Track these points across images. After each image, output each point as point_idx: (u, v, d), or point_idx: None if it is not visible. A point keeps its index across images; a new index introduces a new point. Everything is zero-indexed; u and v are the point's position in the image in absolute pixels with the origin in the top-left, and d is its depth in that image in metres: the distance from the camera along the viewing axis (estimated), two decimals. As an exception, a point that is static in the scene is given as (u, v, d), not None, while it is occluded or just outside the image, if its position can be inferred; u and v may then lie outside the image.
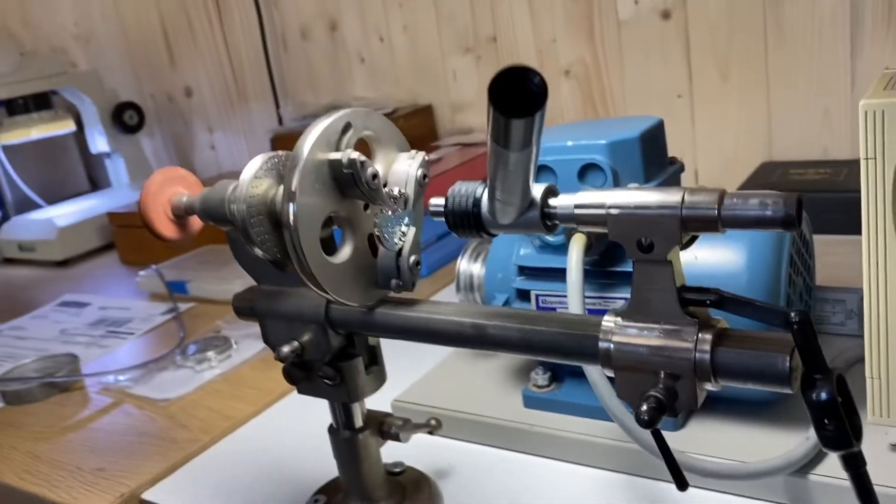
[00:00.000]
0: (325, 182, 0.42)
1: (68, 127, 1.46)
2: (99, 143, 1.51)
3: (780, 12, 0.99)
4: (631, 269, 0.54)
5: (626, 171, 0.54)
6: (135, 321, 1.00)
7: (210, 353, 0.82)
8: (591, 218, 0.36)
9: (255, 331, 0.87)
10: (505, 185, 0.35)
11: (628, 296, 0.54)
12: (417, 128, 1.28)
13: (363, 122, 0.44)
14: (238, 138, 1.61)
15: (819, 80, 0.99)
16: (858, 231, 0.88)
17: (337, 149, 0.42)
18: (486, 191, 0.39)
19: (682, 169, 0.59)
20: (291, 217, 0.40)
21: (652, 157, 0.55)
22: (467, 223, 0.39)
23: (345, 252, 0.44)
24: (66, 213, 1.43)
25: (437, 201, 0.41)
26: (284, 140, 1.34)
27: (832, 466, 0.48)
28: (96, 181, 1.79)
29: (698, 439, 0.52)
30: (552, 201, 0.37)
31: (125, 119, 1.50)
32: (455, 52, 1.27)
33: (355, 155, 0.41)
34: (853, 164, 0.96)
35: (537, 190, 0.37)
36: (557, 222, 0.37)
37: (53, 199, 1.61)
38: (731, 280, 0.50)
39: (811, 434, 0.50)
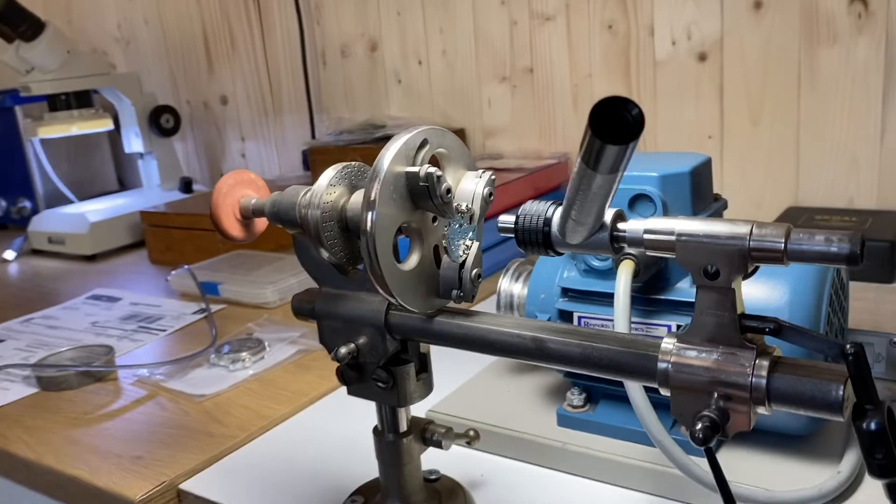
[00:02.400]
0: (401, 193, 0.44)
1: (107, 125, 1.49)
2: (134, 143, 1.54)
3: (815, 60, 1.02)
4: (674, 298, 0.56)
5: (676, 204, 0.56)
6: (166, 318, 1.02)
7: (244, 354, 0.84)
8: (660, 244, 0.38)
9: (286, 335, 0.89)
10: (584, 206, 0.37)
11: (670, 323, 0.56)
12: (449, 150, 1.31)
13: (438, 139, 0.46)
14: (269, 148, 1.64)
15: (849, 129, 1.01)
16: (884, 279, 0.90)
17: (413, 163, 0.45)
18: (558, 210, 0.41)
19: (725, 206, 0.62)
20: (370, 224, 0.42)
21: (700, 192, 0.58)
22: (536, 240, 0.42)
23: (412, 260, 0.46)
24: (97, 209, 1.46)
25: (508, 218, 0.43)
26: (318, 153, 1.37)
27: (862, 501, 0.49)
28: (124, 181, 1.83)
29: (729, 467, 0.54)
30: (621, 225, 0.39)
31: (161, 122, 1.54)
32: (491, 79, 1.31)
33: (432, 169, 0.43)
34: (879, 215, 0.98)
35: (607, 214, 0.39)
36: (625, 245, 0.40)
37: (83, 195, 1.65)
38: (773, 314, 0.52)
39: (843, 468, 0.52)
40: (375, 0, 1.39)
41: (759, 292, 0.53)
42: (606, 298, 0.59)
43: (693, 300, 0.56)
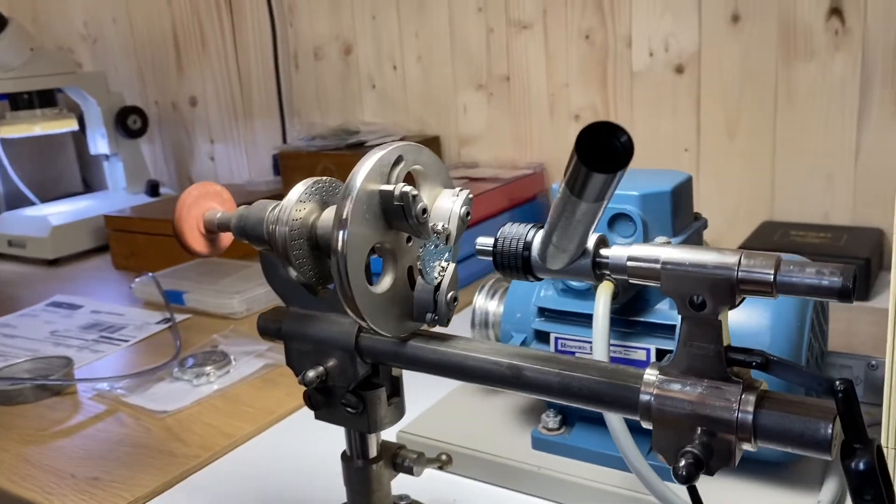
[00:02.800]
0: (375, 212, 0.42)
1: (71, 126, 1.45)
2: (100, 144, 1.50)
3: (791, 75, 1.01)
4: (653, 321, 0.55)
5: (656, 223, 0.55)
6: (129, 328, 0.99)
7: (208, 368, 0.81)
8: (644, 272, 0.36)
9: (252, 348, 0.87)
10: (566, 232, 0.35)
11: (649, 346, 0.55)
12: (423, 157, 1.29)
13: (414, 156, 0.44)
14: (239, 152, 1.61)
15: (825, 145, 1.01)
16: (859, 297, 0.90)
17: (388, 181, 0.43)
18: (539, 233, 0.39)
19: (705, 225, 0.60)
20: (341, 244, 0.40)
21: (680, 211, 0.56)
22: (515, 265, 0.40)
23: (385, 282, 0.44)
24: (60, 211, 1.42)
25: (485, 241, 0.41)
26: (289, 158, 1.34)
27: (843, 532, 0.48)
28: (90, 183, 1.78)
29: (707, 495, 0.52)
30: (604, 251, 0.38)
31: (128, 123, 1.50)
32: (467, 86, 1.29)
33: (407, 188, 0.41)
34: (854, 231, 0.98)
35: (590, 239, 0.38)
36: (608, 272, 0.38)
37: (45, 197, 1.60)
38: (754, 340, 0.51)
39: (823, 497, 0.51)
40: (350, 2, 1.37)
41: (740, 316, 0.52)
42: (584, 319, 0.57)
43: (673, 322, 0.55)
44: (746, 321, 0.51)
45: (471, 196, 0.46)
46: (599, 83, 1.16)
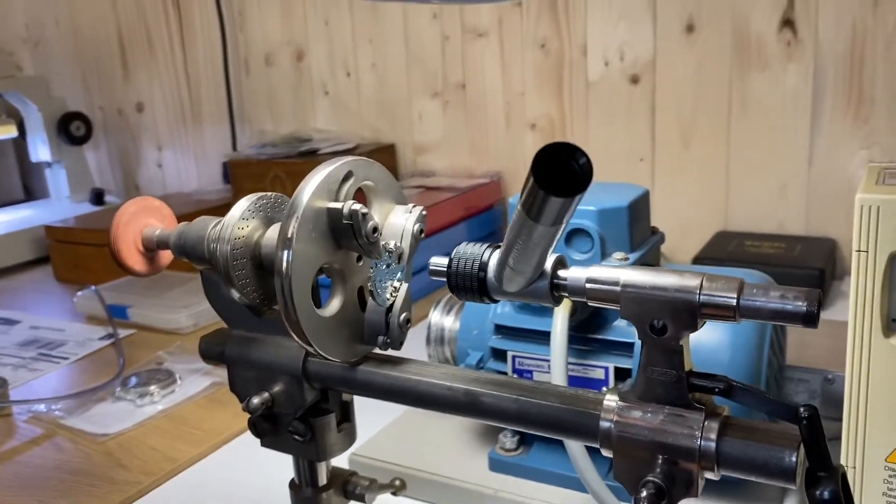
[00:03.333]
0: (322, 231, 0.40)
1: (10, 132, 1.40)
2: (41, 151, 1.44)
3: (745, 85, 1.02)
4: (611, 338, 0.54)
5: (613, 238, 0.54)
6: (69, 345, 0.94)
7: (153, 388, 0.78)
8: (603, 294, 0.35)
9: (199, 366, 0.83)
10: (523, 255, 0.33)
11: (608, 364, 0.54)
12: (378, 166, 1.27)
13: (364, 171, 0.42)
14: (188, 159, 1.57)
15: (779, 155, 1.02)
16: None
17: (336, 198, 0.40)
18: (494, 255, 0.37)
19: (662, 240, 0.60)
20: (285, 265, 0.38)
21: (638, 226, 0.55)
22: (471, 286, 0.38)
23: (333, 305, 0.42)
24: (-2, 221, 1.36)
25: (440, 261, 0.39)
26: (239, 166, 1.31)
27: (803, 553, 0.47)
28: (32, 191, 1.72)
29: (668, 516, 0.51)
30: (562, 273, 0.36)
31: (71, 129, 1.45)
32: (423, 94, 1.27)
33: (357, 206, 0.39)
34: (807, 241, 0.99)
35: (548, 260, 0.36)
36: (566, 294, 0.36)
37: (-16, 205, 1.54)
38: (713, 357, 0.50)
39: (783, 518, 0.50)
40: (302, 7, 1.34)
41: (700, 334, 0.50)
42: (542, 337, 0.56)
43: (631, 340, 0.54)
44: (706, 339, 0.51)
45: (424, 213, 0.44)
46: (555, 92, 1.16)
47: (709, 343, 0.51)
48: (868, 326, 0.44)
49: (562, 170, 0.27)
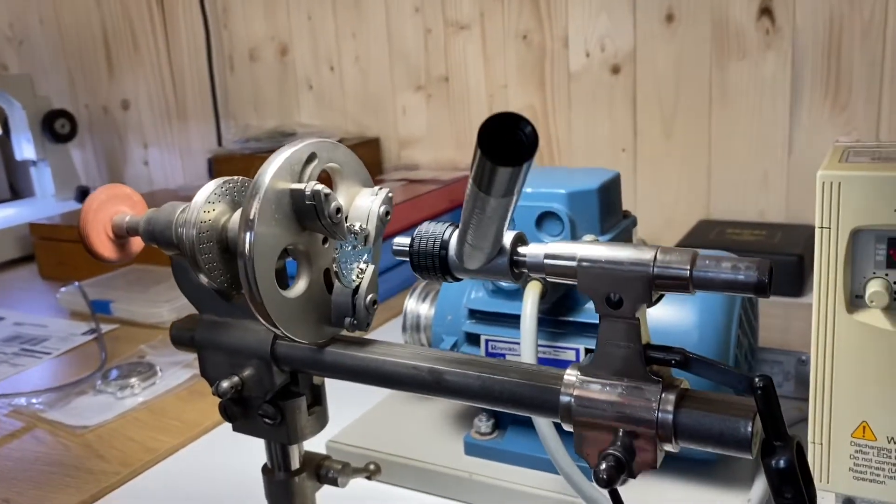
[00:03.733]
0: (285, 212, 0.40)
1: (-7, 131, 1.39)
2: (26, 150, 1.44)
3: (725, 74, 1.02)
4: (582, 320, 0.54)
5: (584, 221, 0.54)
6: (52, 340, 0.94)
7: (133, 380, 0.78)
8: (561, 269, 0.35)
9: (181, 358, 0.83)
10: (478, 230, 0.34)
11: (578, 346, 0.54)
12: (362, 160, 1.26)
13: (329, 153, 0.42)
14: (173, 156, 1.57)
15: (759, 144, 1.02)
16: (793, 293, 0.91)
17: (300, 179, 0.41)
18: (455, 233, 0.38)
19: (634, 223, 0.60)
20: (247, 246, 0.38)
21: (608, 209, 0.56)
22: (432, 265, 0.38)
23: (299, 286, 0.42)
24: (-17, 220, 1.36)
25: (402, 241, 0.39)
26: (223, 161, 1.31)
27: (772, 530, 0.48)
28: (18, 189, 1.71)
29: (637, 496, 0.52)
30: (521, 249, 0.36)
31: (56, 127, 1.44)
32: (406, 88, 1.27)
33: (319, 187, 0.40)
34: (788, 228, 0.99)
35: (507, 237, 0.36)
36: (525, 270, 0.37)
37: (-31, 204, 1.53)
38: (682, 338, 0.50)
39: (752, 496, 0.50)
40: (285, 3, 1.34)
41: (666, 314, 0.51)
42: (515, 320, 0.56)
43: (602, 322, 0.54)
44: (673, 319, 0.51)
45: (391, 195, 0.44)
46: (538, 84, 1.16)
47: (677, 324, 0.51)
48: (832, 303, 0.45)
49: (508, 140, 0.27)
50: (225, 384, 0.45)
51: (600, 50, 1.10)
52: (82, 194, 1.44)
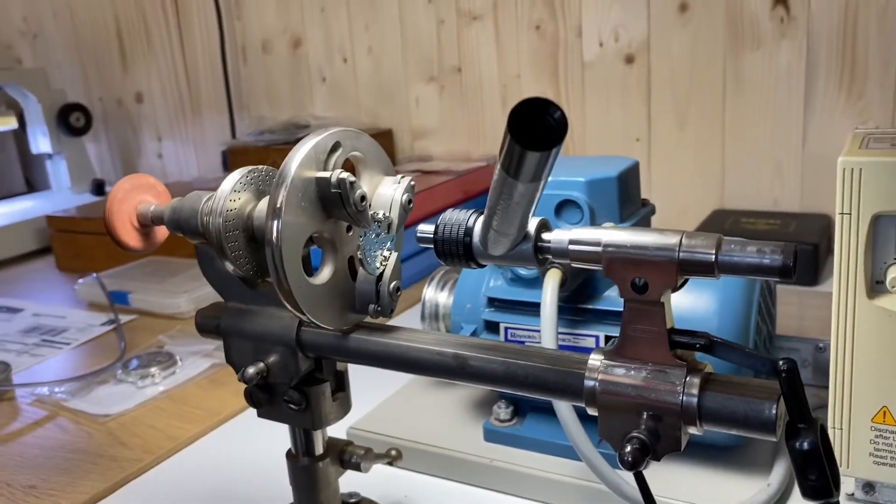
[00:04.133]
0: (311, 201, 0.40)
1: (9, 124, 1.40)
2: (41, 143, 1.45)
3: (739, 64, 1.02)
4: (601, 307, 0.54)
5: (603, 209, 0.54)
6: (71, 331, 0.95)
7: (153, 369, 0.79)
8: (585, 255, 0.35)
9: (200, 348, 0.84)
10: (505, 215, 0.34)
11: (598, 333, 0.54)
12: (376, 151, 1.27)
13: (352, 142, 0.43)
14: (187, 148, 1.57)
15: (773, 133, 1.02)
16: (808, 282, 0.91)
17: (325, 167, 0.41)
18: (480, 219, 0.38)
19: (653, 211, 0.60)
20: (275, 234, 0.39)
21: (627, 197, 0.56)
22: (457, 252, 0.39)
23: (324, 273, 0.43)
24: (1, 213, 1.37)
25: (427, 228, 0.40)
26: (238, 153, 1.31)
27: (792, 514, 0.48)
28: (33, 183, 1.73)
29: (657, 481, 0.52)
30: (546, 235, 0.37)
31: (71, 121, 1.45)
32: (419, 79, 1.28)
33: (345, 175, 0.40)
34: (803, 217, 0.99)
35: (531, 223, 0.37)
36: (550, 256, 0.37)
37: (-14, 197, 1.55)
38: (702, 324, 0.50)
39: (772, 480, 0.51)
40: (298, -4, 1.34)
41: (686, 301, 0.51)
42: (534, 308, 0.56)
43: (621, 309, 0.54)
44: (693, 306, 0.51)
45: (412, 183, 0.45)
46: (551, 74, 1.16)
47: (696, 311, 0.51)
48: (852, 288, 0.45)
49: (537, 125, 0.28)
50: (251, 370, 0.45)
51: (614, 40, 1.10)
52: (97, 187, 1.45)
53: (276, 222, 0.39)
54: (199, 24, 1.46)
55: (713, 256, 0.33)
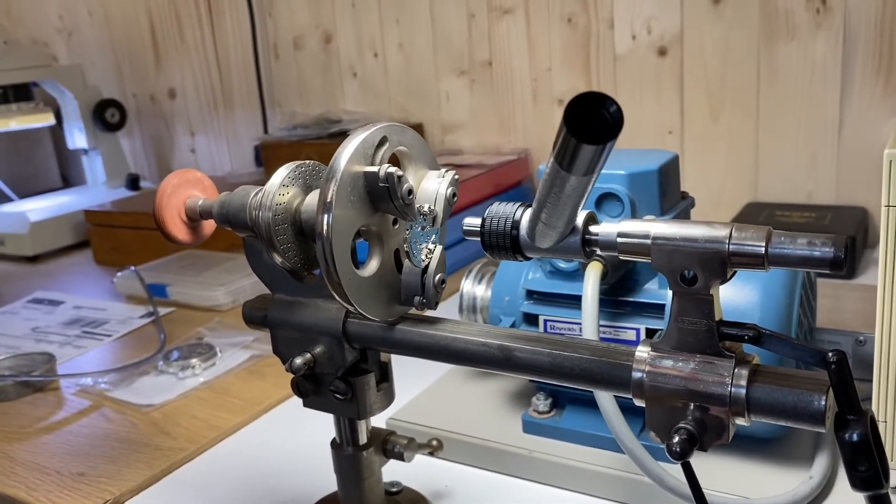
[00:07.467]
0: (360, 195, 0.41)
1: (48, 120, 1.43)
2: (77, 139, 1.47)
3: (774, 56, 1.01)
4: (642, 300, 0.55)
5: (644, 202, 0.54)
6: (111, 323, 0.97)
7: (194, 360, 0.80)
8: (634, 247, 0.36)
9: (239, 339, 0.86)
10: (555, 208, 0.35)
11: (639, 326, 0.55)
12: (407, 145, 1.28)
13: (398, 137, 0.43)
14: (220, 143, 1.59)
15: (808, 125, 1.01)
16: (844, 275, 0.90)
17: (372, 162, 0.42)
18: (527, 212, 0.39)
19: (692, 204, 0.60)
20: (326, 227, 0.39)
21: (668, 190, 0.56)
22: (504, 245, 0.39)
23: (371, 266, 0.43)
24: (39, 207, 1.40)
25: (473, 221, 0.40)
26: (270, 148, 1.33)
27: (835, 506, 0.48)
28: (69, 178, 1.76)
29: (699, 473, 0.52)
30: (594, 228, 0.37)
31: (106, 116, 1.48)
32: (449, 73, 1.28)
33: (392, 169, 0.41)
34: (838, 210, 0.98)
35: (579, 216, 0.37)
36: (597, 249, 0.37)
37: (23, 193, 1.58)
38: (744, 317, 0.51)
39: (814, 472, 0.51)
40: (329, -9, 1.35)
41: (729, 293, 0.51)
42: (573, 301, 0.57)
43: (662, 302, 0.55)
44: (736, 298, 0.51)
45: (457, 177, 0.45)
46: (582, 67, 1.16)
47: (739, 303, 0.51)
48: (898, 281, 0.45)
49: (593, 119, 0.28)
50: (298, 361, 0.46)
51: (647, 32, 1.09)
52: (132, 182, 1.48)
53: (326, 216, 0.39)
54: (231, 20, 1.48)
55: (763, 249, 0.33)
